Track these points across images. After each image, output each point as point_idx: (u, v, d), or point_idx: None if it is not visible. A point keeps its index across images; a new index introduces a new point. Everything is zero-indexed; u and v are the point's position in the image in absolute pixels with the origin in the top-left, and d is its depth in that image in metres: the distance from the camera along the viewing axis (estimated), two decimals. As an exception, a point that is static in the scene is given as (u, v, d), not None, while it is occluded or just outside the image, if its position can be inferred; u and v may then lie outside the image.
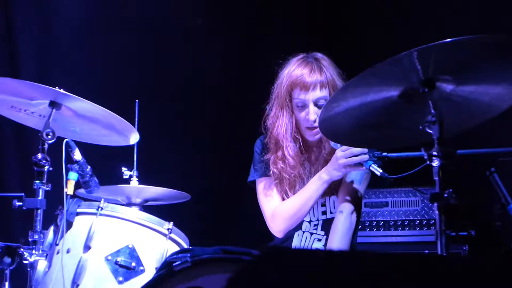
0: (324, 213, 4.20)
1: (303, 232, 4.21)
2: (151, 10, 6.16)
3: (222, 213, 6.16)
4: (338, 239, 4.00)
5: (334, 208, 4.18)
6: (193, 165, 6.11)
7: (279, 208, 4.14)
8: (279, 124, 4.13)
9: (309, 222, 4.20)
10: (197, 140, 6.21)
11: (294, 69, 4.09)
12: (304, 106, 4.06)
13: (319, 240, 4.17)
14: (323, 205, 4.20)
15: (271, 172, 4.18)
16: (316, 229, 4.20)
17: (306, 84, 4.01)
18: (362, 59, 4.22)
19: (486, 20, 5.51)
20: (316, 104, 4.03)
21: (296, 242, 4.20)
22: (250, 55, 6.43)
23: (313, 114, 4.02)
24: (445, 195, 2.80)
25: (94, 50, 5.88)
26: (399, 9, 6.14)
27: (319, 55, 4.16)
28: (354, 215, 4.05)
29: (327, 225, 4.16)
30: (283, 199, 4.17)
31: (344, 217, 4.03)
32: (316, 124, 3.99)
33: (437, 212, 2.82)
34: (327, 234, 4.14)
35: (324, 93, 4.03)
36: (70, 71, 5.66)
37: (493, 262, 1.92)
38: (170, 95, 6.15)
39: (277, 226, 4.15)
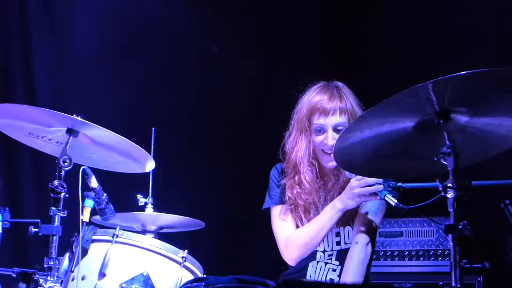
0: (338, 243, 4.19)
1: (318, 262, 4.20)
2: (167, 38, 6.20)
3: (237, 242, 6.16)
4: (353, 270, 3.99)
5: (348, 238, 4.17)
6: (208, 193, 6.12)
7: (293, 236, 4.14)
8: (298, 148, 4.16)
9: (323, 252, 4.19)
10: (212, 168, 6.23)
11: (314, 95, 4.14)
12: (322, 131, 4.09)
13: (334, 270, 4.16)
14: (338, 235, 4.19)
15: (286, 198, 4.19)
16: (330, 259, 4.19)
17: (325, 109, 4.05)
18: (377, 90, 4.26)
19: (503, 53, 5.51)
20: (335, 129, 4.06)
21: (310, 272, 4.19)
22: (266, 84, 6.46)
23: (331, 139, 4.04)
24: (460, 226, 2.80)
25: (111, 78, 5.91)
26: (416, 40, 6.16)
27: (339, 83, 4.21)
28: (370, 246, 4.04)
29: (341, 256, 4.15)
30: (297, 226, 4.17)
31: (359, 248, 4.02)
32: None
33: (451, 243, 2.82)
34: (341, 264, 4.13)
35: (343, 119, 4.06)
36: (87, 98, 5.70)
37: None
38: (186, 123, 6.18)
39: (290, 254, 4.15)
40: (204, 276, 3.70)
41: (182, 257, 3.66)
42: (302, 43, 6.77)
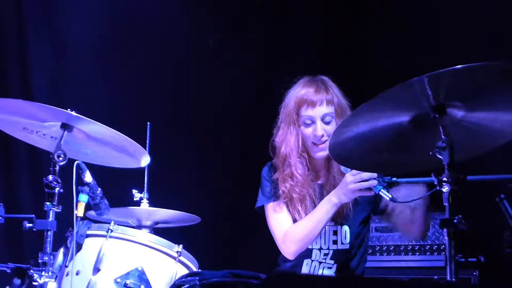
0: (335, 242, 4.20)
1: (312, 261, 4.21)
2: (164, 32, 6.19)
3: (232, 236, 6.16)
4: None
5: (345, 238, 4.20)
6: (204, 188, 6.11)
7: (290, 231, 4.15)
8: (287, 142, 4.20)
9: (319, 249, 4.21)
10: (207, 163, 6.22)
11: (300, 89, 4.21)
12: (311, 122, 4.13)
13: (330, 268, 4.19)
14: (335, 233, 4.21)
15: (280, 192, 4.20)
16: (325, 258, 4.21)
17: (313, 100, 4.12)
18: (373, 84, 4.26)
19: (500, 47, 5.51)
20: (323, 120, 4.12)
21: (304, 271, 4.21)
22: (265, 81, 6.44)
23: (320, 129, 4.10)
24: (455, 221, 2.80)
25: (106, 73, 5.90)
26: (412, 34, 6.15)
27: (324, 77, 4.27)
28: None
29: (337, 255, 4.19)
30: (294, 220, 4.18)
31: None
32: (323, 139, 4.09)
33: (446, 237, 2.82)
34: (337, 262, 4.18)
35: (331, 109, 4.12)
36: (82, 93, 5.69)
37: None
38: (182, 118, 6.17)
39: (288, 248, 4.16)
40: (199, 270, 3.70)
41: (177, 252, 3.66)
42: (302, 42, 6.75)
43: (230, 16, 6.48)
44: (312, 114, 4.12)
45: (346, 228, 4.20)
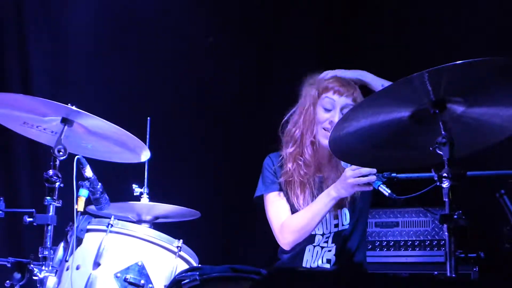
0: (336, 225, 4.28)
1: (314, 246, 4.25)
2: (164, 28, 6.18)
3: (232, 231, 6.16)
4: None
5: (346, 220, 4.27)
6: (204, 183, 6.11)
7: (288, 221, 4.21)
8: (305, 122, 4.26)
9: (322, 235, 4.26)
10: (207, 158, 6.22)
11: (329, 78, 4.30)
12: (331, 108, 4.20)
13: (330, 251, 4.26)
14: (336, 217, 4.28)
15: (283, 172, 4.26)
16: (327, 241, 4.26)
17: (340, 90, 4.21)
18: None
19: (501, 42, 5.50)
20: (341, 110, 4.18)
21: (307, 257, 4.27)
22: (264, 74, 6.44)
23: (338, 118, 4.13)
24: (455, 216, 2.80)
25: (106, 67, 5.90)
26: (412, 29, 6.14)
27: None
28: None
29: (337, 237, 4.26)
30: (293, 205, 4.24)
31: None
32: None
33: (446, 233, 2.82)
34: (337, 244, 4.25)
35: (351, 104, 4.17)
36: (83, 88, 5.69)
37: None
38: (182, 113, 6.16)
39: (285, 238, 4.22)
40: (199, 265, 3.71)
41: (177, 247, 3.66)
42: (302, 39, 6.73)
43: (230, 12, 6.47)
44: (337, 100, 4.19)
45: (346, 210, 4.27)
